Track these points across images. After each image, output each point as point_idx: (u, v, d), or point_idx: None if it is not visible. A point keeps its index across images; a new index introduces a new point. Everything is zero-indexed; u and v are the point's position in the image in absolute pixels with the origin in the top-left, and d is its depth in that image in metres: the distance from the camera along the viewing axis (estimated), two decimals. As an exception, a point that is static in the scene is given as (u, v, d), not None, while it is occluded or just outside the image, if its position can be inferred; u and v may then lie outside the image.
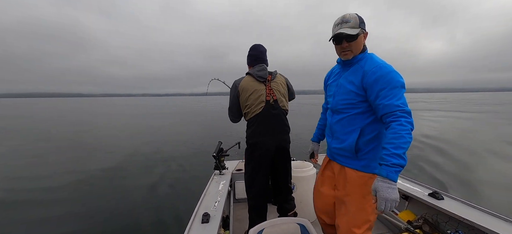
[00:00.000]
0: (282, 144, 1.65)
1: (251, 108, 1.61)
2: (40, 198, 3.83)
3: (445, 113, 18.52)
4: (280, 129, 1.64)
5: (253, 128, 1.61)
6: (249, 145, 1.67)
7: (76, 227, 2.98)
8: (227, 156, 2.44)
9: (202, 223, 1.43)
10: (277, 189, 1.79)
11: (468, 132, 9.54)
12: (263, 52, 1.73)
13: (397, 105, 0.98)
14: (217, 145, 2.35)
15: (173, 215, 3.23)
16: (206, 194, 1.89)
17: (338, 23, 1.14)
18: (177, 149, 7.33)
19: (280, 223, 1.34)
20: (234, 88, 1.68)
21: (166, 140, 8.87)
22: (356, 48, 1.14)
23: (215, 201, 1.75)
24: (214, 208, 1.63)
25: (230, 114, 1.78)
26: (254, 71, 1.66)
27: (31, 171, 5.27)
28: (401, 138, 0.92)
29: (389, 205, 0.90)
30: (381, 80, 1.03)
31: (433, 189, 1.88)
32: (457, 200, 1.73)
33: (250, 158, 1.68)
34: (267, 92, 1.62)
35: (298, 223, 1.33)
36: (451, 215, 1.59)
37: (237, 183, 2.58)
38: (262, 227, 1.31)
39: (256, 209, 1.72)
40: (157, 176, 4.85)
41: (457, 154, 6.18)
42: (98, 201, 3.68)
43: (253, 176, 1.68)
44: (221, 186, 2.06)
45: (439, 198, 1.75)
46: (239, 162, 2.91)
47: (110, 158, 6.29)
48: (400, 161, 0.91)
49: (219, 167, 2.37)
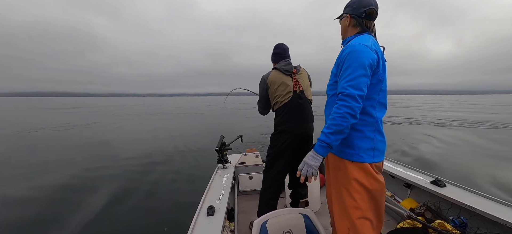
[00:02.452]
0: (308, 131, 1.70)
1: (280, 98, 1.70)
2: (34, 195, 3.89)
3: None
4: (306, 116, 1.70)
5: (282, 116, 1.69)
6: (277, 131, 1.73)
7: (78, 224, 2.99)
8: (229, 149, 2.45)
9: (207, 216, 1.44)
10: (295, 173, 1.82)
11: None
12: (286, 49, 1.84)
13: (343, 87, 0.98)
14: (220, 139, 2.36)
15: (178, 209, 3.25)
16: (210, 187, 1.90)
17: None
18: (181, 145, 7.38)
19: (284, 213, 1.34)
20: (263, 82, 1.78)
21: (170, 136, 8.96)
22: (343, 32, 1.16)
23: (220, 194, 1.76)
24: (218, 201, 1.64)
25: (260, 106, 1.87)
26: (281, 65, 1.75)
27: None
28: (332, 120, 0.98)
29: (307, 169, 1.03)
30: (344, 60, 1.02)
31: (435, 177, 1.87)
32: (459, 187, 1.73)
33: (275, 143, 1.73)
34: (294, 84, 1.71)
35: (301, 213, 1.33)
36: (453, 202, 1.59)
37: (241, 176, 2.59)
38: (266, 217, 1.31)
39: (269, 192, 1.76)
40: (160, 171, 4.88)
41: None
42: (103, 196, 3.71)
43: (275, 159, 1.73)
44: (225, 179, 2.07)
45: (441, 185, 1.75)
46: (242, 155, 2.93)
47: (113, 154, 6.37)
48: (325, 138, 0.99)
49: (222, 160, 2.37)
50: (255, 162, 2.66)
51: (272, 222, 1.30)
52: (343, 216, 1.09)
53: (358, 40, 1.04)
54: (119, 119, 17.29)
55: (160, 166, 5.35)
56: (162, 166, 5.36)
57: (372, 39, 1.07)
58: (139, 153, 6.55)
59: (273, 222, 1.30)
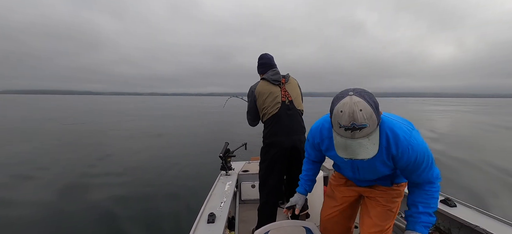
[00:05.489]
0: (298, 143, 1.66)
1: (268, 110, 1.66)
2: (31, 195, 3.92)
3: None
4: (295, 128, 1.67)
5: (270, 128, 1.66)
6: (265, 144, 1.71)
7: (77, 225, 3.01)
8: (233, 157, 2.45)
9: (207, 223, 1.44)
10: (293, 187, 1.80)
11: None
12: (271, 58, 1.82)
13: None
14: (224, 146, 2.36)
15: (178, 215, 3.26)
16: (212, 194, 1.89)
17: (347, 127, 0.79)
18: (183, 149, 7.39)
19: (286, 225, 1.34)
20: (251, 94, 1.76)
21: (172, 140, 8.97)
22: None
23: (221, 201, 1.75)
24: (219, 209, 1.63)
25: (249, 118, 1.85)
26: (268, 75, 1.72)
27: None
28: (434, 206, 1.06)
29: None
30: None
31: (445, 196, 1.82)
32: (470, 208, 1.68)
33: (265, 157, 1.72)
34: (282, 94, 1.67)
35: (304, 226, 1.33)
36: (464, 223, 1.54)
37: (243, 184, 2.57)
38: (267, 229, 1.30)
39: (267, 207, 1.75)
40: (162, 176, 4.90)
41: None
42: (102, 201, 3.70)
43: (267, 174, 1.71)
44: (227, 186, 2.06)
45: (451, 205, 1.71)
46: (246, 163, 2.91)
47: (114, 157, 6.39)
48: (432, 220, 1.05)
49: (225, 167, 2.37)
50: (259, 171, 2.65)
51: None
52: None
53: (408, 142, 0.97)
54: (122, 119, 17.33)
55: (161, 168, 5.37)
56: (163, 168, 5.37)
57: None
58: (140, 156, 6.55)
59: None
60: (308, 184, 1.38)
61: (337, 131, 0.83)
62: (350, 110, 0.77)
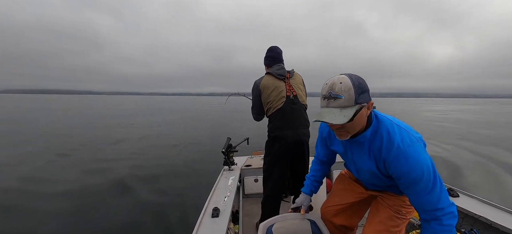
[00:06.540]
0: (302, 137, 1.67)
1: (273, 104, 1.67)
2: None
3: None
4: (300, 122, 1.67)
5: (274, 122, 1.67)
6: (270, 138, 1.71)
7: (79, 223, 3.00)
8: (236, 152, 2.47)
9: (212, 217, 1.45)
10: (296, 180, 1.81)
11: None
12: (280, 53, 1.81)
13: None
14: (226, 141, 2.38)
15: (183, 210, 3.28)
16: (216, 189, 1.91)
17: (325, 95, 0.85)
18: (187, 146, 7.40)
19: (291, 218, 1.34)
20: (256, 88, 1.76)
21: (175, 137, 8.98)
22: (352, 128, 0.90)
23: (225, 196, 1.76)
24: (223, 203, 1.64)
25: (253, 112, 1.86)
26: (274, 70, 1.73)
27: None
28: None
29: None
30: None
31: (448, 186, 1.81)
32: (473, 197, 1.68)
33: (269, 151, 1.73)
34: (287, 89, 1.68)
35: (309, 219, 1.33)
36: (466, 213, 1.55)
37: (246, 178, 2.59)
38: (273, 221, 1.31)
39: (271, 200, 1.76)
40: (167, 172, 4.91)
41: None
42: (106, 197, 3.73)
43: (270, 168, 1.72)
44: (231, 181, 2.07)
45: (454, 195, 1.71)
46: (248, 158, 2.93)
47: (118, 155, 6.40)
48: None
49: (228, 162, 2.39)
50: (261, 165, 2.66)
51: (278, 227, 1.29)
52: None
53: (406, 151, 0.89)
54: (120, 118, 17.34)
55: (164, 165, 5.37)
56: (167, 165, 5.39)
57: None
58: (145, 152, 6.59)
59: (279, 226, 1.30)
60: (315, 185, 1.38)
61: (320, 102, 0.89)
62: (331, 82, 0.84)
